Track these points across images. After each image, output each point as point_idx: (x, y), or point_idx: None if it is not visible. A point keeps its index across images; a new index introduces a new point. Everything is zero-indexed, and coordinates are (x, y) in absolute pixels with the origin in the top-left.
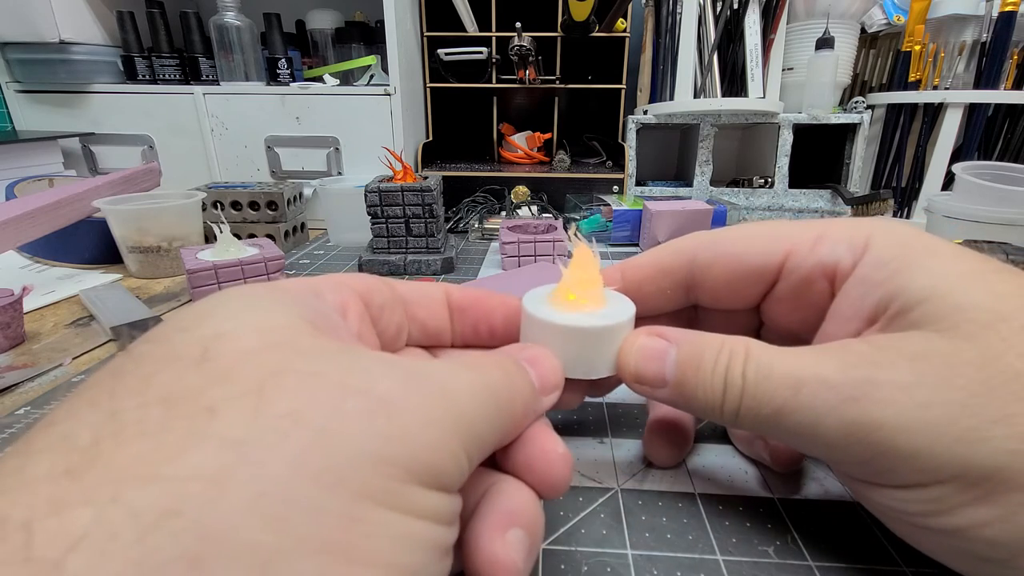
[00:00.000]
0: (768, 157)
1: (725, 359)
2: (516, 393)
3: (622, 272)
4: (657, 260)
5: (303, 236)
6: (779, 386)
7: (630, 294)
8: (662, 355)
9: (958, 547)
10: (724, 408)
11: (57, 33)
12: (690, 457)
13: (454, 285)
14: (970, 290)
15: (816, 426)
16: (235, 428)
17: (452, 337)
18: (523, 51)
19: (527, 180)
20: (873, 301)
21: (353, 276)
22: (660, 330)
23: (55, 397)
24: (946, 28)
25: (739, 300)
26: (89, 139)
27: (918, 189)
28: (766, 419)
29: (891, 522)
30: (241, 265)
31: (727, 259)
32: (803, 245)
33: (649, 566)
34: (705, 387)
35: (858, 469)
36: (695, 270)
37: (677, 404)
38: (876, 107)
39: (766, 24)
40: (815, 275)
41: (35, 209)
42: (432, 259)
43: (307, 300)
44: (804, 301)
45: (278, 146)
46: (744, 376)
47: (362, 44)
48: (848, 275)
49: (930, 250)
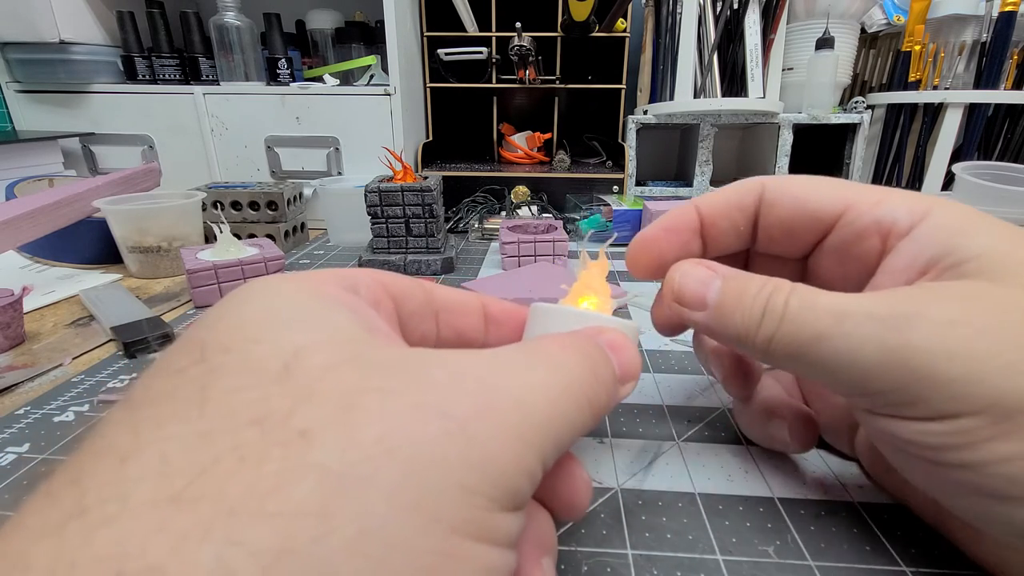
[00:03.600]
0: (768, 157)
1: (769, 290)
2: (600, 386)
3: (697, 207)
4: (731, 196)
5: (303, 236)
6: (823, 315)
7: (705, 230)
8: (707, 281)
9: (973, 483)
10: (759, 333)
11: (57, 33)
12: (690, 457)
13: (488, 297)
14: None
15: (855, 352)
16: (331, 457)
17: (483, 347)
18: (523, 51)
19: (527, 180)
20: (928, 255)
21: (391, 276)
22: (709, 263)
23: (55, 397)
24: (946, 28)
25: (793, 245)
26: (89, 139)
27: (918, 189)
28: (801, 345)
29: (905, 460)
30: (241, 265)
31: (791, 201)
32: (864, 203)
33: (649, 566)
34: (744, 311)
35: (889, 399)
36: (762, 207)
37: (711, 330)
38: (876, 107)
39: (766, 24)
40: (870, 231)
41: (35, 209)
42: (432, 259)
43: (354, 303)
44: (853, 255)
45: (278, 146)
46: (787, 303)
47: (362, 44)
48: (903, 236)
49: (987, 220)
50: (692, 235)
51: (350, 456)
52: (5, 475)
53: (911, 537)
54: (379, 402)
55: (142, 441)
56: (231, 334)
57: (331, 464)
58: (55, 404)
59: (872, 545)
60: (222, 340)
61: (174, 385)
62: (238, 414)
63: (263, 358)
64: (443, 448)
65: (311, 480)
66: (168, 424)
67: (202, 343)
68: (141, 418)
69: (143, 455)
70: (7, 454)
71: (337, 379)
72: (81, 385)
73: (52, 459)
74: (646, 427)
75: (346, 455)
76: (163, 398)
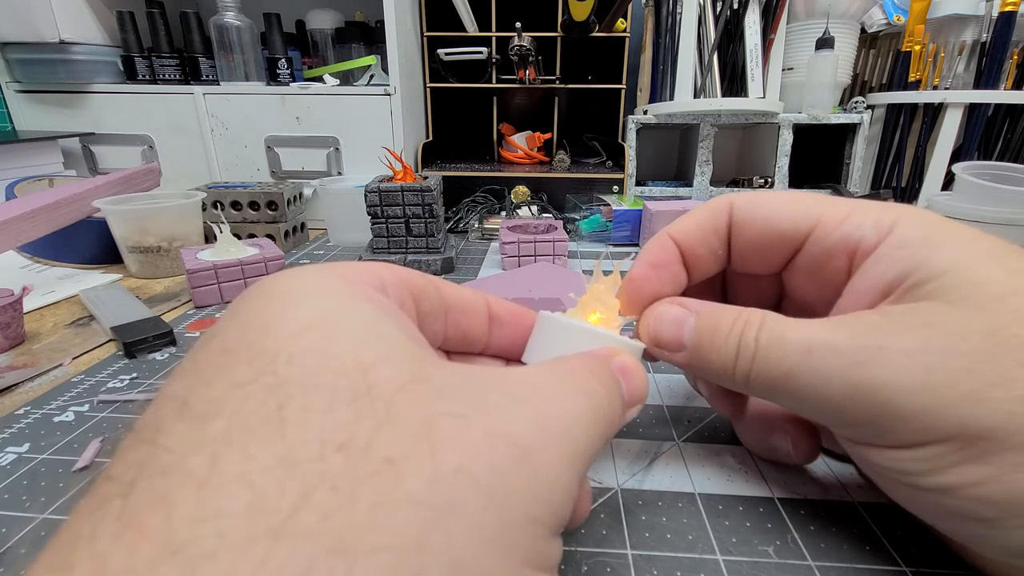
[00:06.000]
0: (768, 157)
1: (740, 326)
2: (615, 411)
3: (673, 237)
4: (704, 221)
5: (303, 236)
6: (790, 351)
7: (685, 259)
8: (681, 321)
9: (949, 506)
10: (736, 370)
11: (57, 33)
12: (690, 457)
13: (493, 296)
14: (987, 266)
15: (823, 389)
16: (418, 488)
17: (485, 347)
18: (523, 51)
19: (527, 180)
20: (890, 276)
21: (409, 273)
22: (681, 300)
23: (55, 397)
24: (946, 28)
25: (764, 264)
26: (89, 139)
27: (918, 189)
28: (775, 381)
29: (887, 483)
30: (241, 265)
31: (760, 222)
32: (831, 220)
33: (649, 566)
34: (719, 350)
35: (860, 431)
36: (732, 228)
37: (692, 368)
38: (876, 107)
39: (766, 24)
40: (837, 250)
41: (35, 209)
42: (432, 259)
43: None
44: (822, 275)
45: (278, 146)
46: (757, 341)
47: (362, 44)
48: (869, 254)
49: (953, 233)
50: (678, 267)
51: (437, 487)
52: (5, 475)
53: (911, 537)
54: (453, 428)
55: (222, 465)
56: (294, 342)
57: (419, 495)
58: (55, 404)
59: (872, 545)
60: (287, 348)
61: (242, 399)
62: (320, 438)
63: (335, 374)
64: (513, 478)
65: (404, 513)
66: (246, 445)
67: (263, 350)
68: (211, 436)
69: (226, 482)
70: (7, 454)
71: (408, 401)
72: (81, 385)
73: (52, 459)
74: (646, 427)
75: (433, 486)
76: (233, 414)
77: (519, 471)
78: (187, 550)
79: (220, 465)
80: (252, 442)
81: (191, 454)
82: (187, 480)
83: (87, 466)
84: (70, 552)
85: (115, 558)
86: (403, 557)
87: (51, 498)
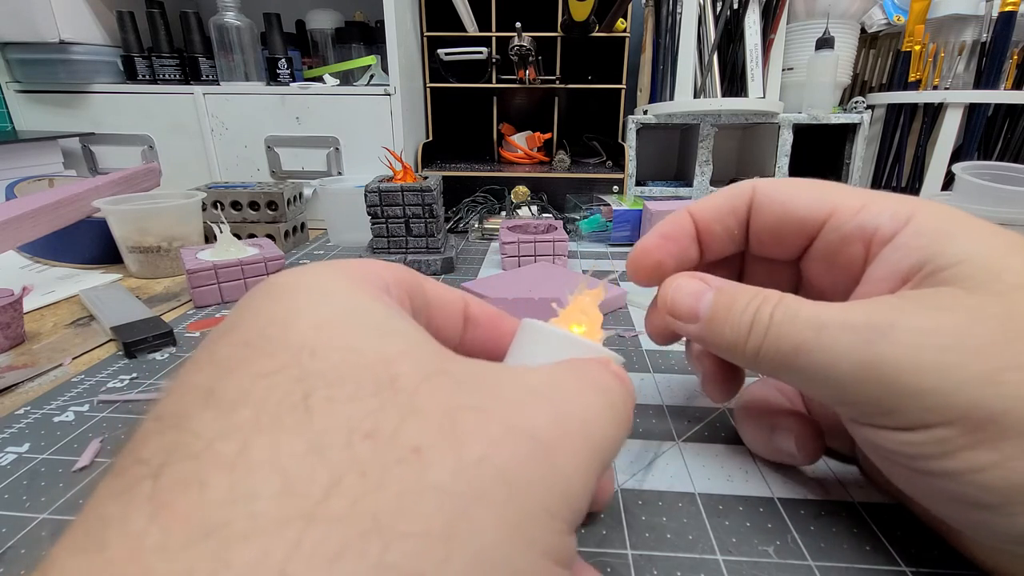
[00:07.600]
0: (768, 157)
1: (757, 302)
2: (629, 410)
3: (692, 213)
4: (724, 201)
5: (303, 236)
6: (803, 327)
7: (700, 235)
8: (700, 294)
9: (952, 491)
10: (748, 345)
11: (57, 33)
12: (690, 457)
13: (472, 296)
14: (1005, 256)
15: (833, 365)
16: (445, 477)
17: (456, 346)
18: (523, 51)
19: (527, 180)
20: (908, 264)
21: (403, 271)
22: (703, 276)
23: (55, 397)
24: (946, 28)
25: (780, 249)
26: (89, 139)
27: (918, 189)
28: (785, 356)
29: (891, 467)
30: (241, 265)
31: (778, 206)
32: (848, 208)
33: (649, 566)
34: (733, 324)
35: (867, 410)
36: (751, 211)
37: (704, 340)
38: (876, 107)
39: (766, 24)
40: (853, 238)
41: (35, 209)
42: (432, 259)
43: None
44: (838, 263)
45: (278, 146)
46: (771, 316)
47: (362, 44)
48: (886, 243)
49: (970, 225)
50: (689, 241)
51: (462, 477)
52: (5, 475)
53: (911, 537)
54: (475, 421)
55: (252, 451)
56: (316, 337)
57: (446, 484)
58: (55, 404)
59: (872, 545)
60: (310, 343)
61: (268, 388)
62: (348, 427)
63: (359, 367)
64: (532, 471)
65: (431, 500)
66: (275, 432)
67: (286, 344)
68: (239, 423)
69: (256, 466)
70: (7, 454)
71: (431, 393)
72: (81, 385)
73: (52, 459)
74: (646, 427)
75: (457, 475)
76: (260, 402)
77: (538, 465)
78: (221, 532)
79: (250, 451)
80: (280, 429)
81: (220, 440)
82: (218, 464)
83: (87, 466)
84: (101, 532)
85: (149, 538)
86: (431, 543)
87: (51, 498)
